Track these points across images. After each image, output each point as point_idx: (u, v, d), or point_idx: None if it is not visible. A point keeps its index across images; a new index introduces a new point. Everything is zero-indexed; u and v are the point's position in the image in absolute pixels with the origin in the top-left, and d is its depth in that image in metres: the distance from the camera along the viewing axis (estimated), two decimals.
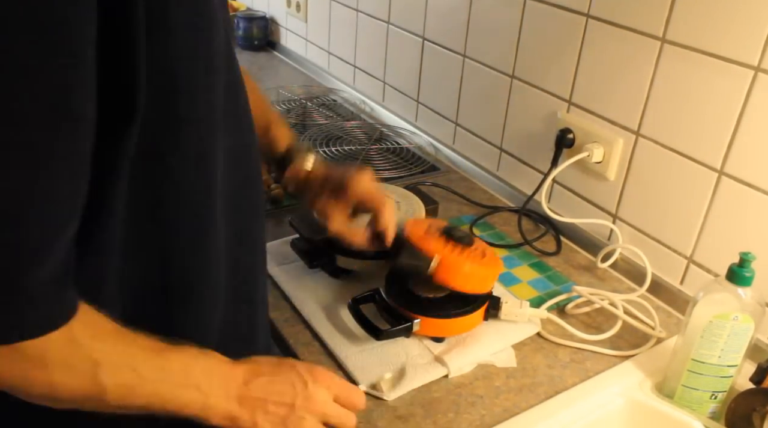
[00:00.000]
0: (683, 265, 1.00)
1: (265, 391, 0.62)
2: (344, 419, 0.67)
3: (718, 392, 0.79)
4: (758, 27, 0.83)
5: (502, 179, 1.32)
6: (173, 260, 0.59)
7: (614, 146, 1.06)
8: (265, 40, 2.16)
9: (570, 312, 0.98)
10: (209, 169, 0.58)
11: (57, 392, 0.50)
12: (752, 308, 0.74)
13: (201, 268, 0.61)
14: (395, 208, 1.01)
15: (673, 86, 0.96)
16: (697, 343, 0.77)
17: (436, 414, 0.78)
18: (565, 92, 1.14)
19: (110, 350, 0.53)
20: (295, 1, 1.96)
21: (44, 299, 0.47)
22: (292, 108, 1.69)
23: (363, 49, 1.70)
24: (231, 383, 0.60)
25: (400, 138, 1.54)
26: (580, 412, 0.81)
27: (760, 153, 0.87)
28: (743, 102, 0.87)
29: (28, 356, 0.47)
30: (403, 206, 1.02)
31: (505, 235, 1.18)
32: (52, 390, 0.50)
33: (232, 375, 0.61)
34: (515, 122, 1.27)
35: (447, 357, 0.85)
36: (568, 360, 0.89)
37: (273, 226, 1.14)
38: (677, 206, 0.99)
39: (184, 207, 0.57)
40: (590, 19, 1.06)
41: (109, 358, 0.52)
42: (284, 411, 0.62)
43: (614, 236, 1.10)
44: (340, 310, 0.92)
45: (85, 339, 0.51)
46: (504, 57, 1.25)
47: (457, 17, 1.35)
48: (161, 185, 0.55)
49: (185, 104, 0.52)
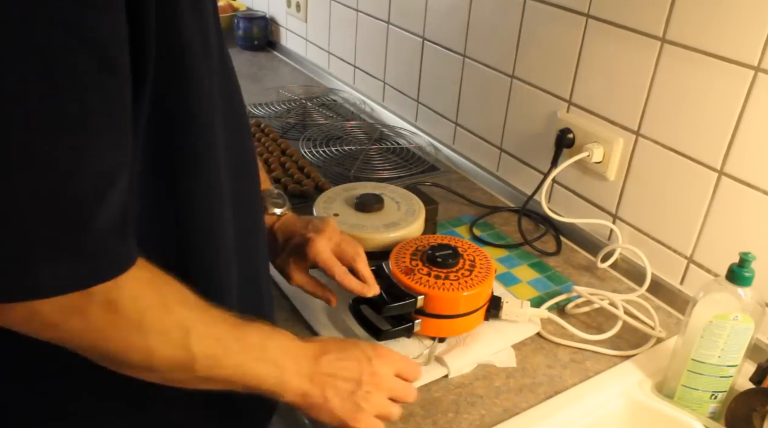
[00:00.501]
0: (683, 265, 1.00)
1: (334, 368, 0.64)
2: (406, 391, 0.70)
3: (718, 392, 0.79)
4: (758, 27, 0.83)
5: (502, 179, 1.32)
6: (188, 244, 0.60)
7: (614, 146, 1.06)
8: (265, 40, 2.16)
9: (570, 312, 0.98)
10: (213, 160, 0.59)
11: (153, 358, 0.52)
12: (752, 308, 0.74)
13: (215, 253, 0.62)
14: (394, 210, 1.01)
15: (673, 86, 0.96)
16: (697, 343, 0.77)
17: (436, 414, 0.78)
18: (565, 92, 1.14)
19: (197, 318, 0.54)
20: (295, 1, 1.96)
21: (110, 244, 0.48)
22: (292, 108, 1.69)
23: (363, 49, 1.70)
24: (302, 360, 0.62)
25: (400, 138, 1.54)
26: (580, 412, 0.81)
27: (760, 153, 0.87)
28: (743, 102, 0.87)
29: (128, 318, 0.49)
30: (403, 206, 1.02)
31: (505, 235, 1.18)
32: (149, 356, 0.51)
33: (303, 353, 0.63)
34: (515, 121, 1.27)
35: (447, 357, 0.85)
36: (568, 360, 0.89)
37: None
38: (677, 206, 0.99)
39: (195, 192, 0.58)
40: (590, 19, 1.06)
41: (197, 326, 0.54)
42: (352, 386, 0.65)
43: (614, 236, 1.10)
44: (340, 310, 0.92)
45: (176, 305, 0.52)
46: (504, 57, 1.25)
47: (457, 17, 1.35)
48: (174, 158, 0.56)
49: (193, 87, 0.54)
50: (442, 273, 0.86)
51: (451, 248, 0.89)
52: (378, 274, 0.89)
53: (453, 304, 0.85)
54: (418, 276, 0.85)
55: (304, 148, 1.45)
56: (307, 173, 1.30)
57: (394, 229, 0.97)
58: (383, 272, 0.88)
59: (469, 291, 0.84)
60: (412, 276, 0.85)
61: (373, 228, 0.96)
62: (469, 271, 0.87)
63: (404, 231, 0.97)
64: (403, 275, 0.85)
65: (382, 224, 0.98)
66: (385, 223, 0.98)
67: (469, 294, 0.84)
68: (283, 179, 1.27)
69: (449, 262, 0.87)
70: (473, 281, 0.86)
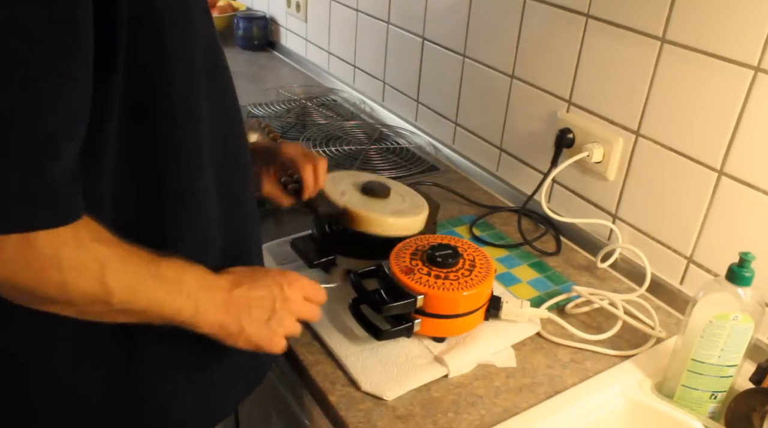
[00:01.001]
0: (683, 265, 1.00)
1: (247, 297, 0.67)
2: (314, 314, 0.76)
3: (718, 392, 0.79)
4: (758, 27, 0.83)
5: (502, 179, 1.32)
6: (164, 209, 0.63)
7: (614, 145, 1.06)
8: (265, 40, 2.16)
9: (570, 312, 0.98)
10: (194, 128, 0.62)
11: (69, 293, 0.53)
12: (752, 308, 0.74)
13: (192, 217, 0.65)
14: (400, 201, 1.00)
15: (673, 86, 0.96)
16: (697, 343, 0.77)
17: (436, 414, 0.78)
18: (565, 92, 1.14)
19: (113, 254, 0.56)
20: (295, 1, 1.96)
21: (60, 192, 0.51)
22: (292, 108, 1.69)
23: (363, 49, 1.70)
24: (217, 292, 0.65)
25: (400, 138, 1.54)
26: (580, 412, 0.81)
27: (760, 153, 0.87)
28: (743, 102, 0.87)
29: (43, 254, 0.51)
30: (407, 200, 1.02)
31: (505, 235, 1.18)
32: (64, 291, 0.53)
33: (217, 285, 0.65)
34: (515, 121, 1.27)
35: (447, 357, 0.85)
36: (568, 359, 0.89)
37: (273, 226, 1.14)
38: (677, 206, 0.99)
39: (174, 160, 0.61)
40: (590, 19, 1.06)
41: (112, 261, 0.55)
42: (266, 314, 0.69)
43: (614, 236, 1.10)
44: (340, 310, 0.92)
45: (91, 242, 0.54)
46: (504, 57, 1.25)
47: (457, 17, 1.35)
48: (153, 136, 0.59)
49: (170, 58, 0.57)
50: (442, 273, 0.86)
51: (451, 248, 0.89)
52: (378, 274, 0.89)
53: (453, 304, 0.85)
54: (418, 276, 0.85)
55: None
56: None
57: (401, 216, 0.96)
58: (383, 272, 0.88)
59: (469, 291, 0.84)
60: (412, 276, 0.85)
61: (380, 211, 0.95)
62: (469, 271, 0.87)
63: (410, 220, 0.96)
64: (403, 274, 0.85)
65: (389, 210, 0.97)
66: (392, 210, 0.97)
67: (469, 294, 0.84)
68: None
69: (449, 262, 0.87)
70: (473, 281, 0.86)
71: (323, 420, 0.84)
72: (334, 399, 0.79)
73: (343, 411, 0.78)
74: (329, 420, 0.81)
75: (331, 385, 0.81)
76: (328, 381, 0.82)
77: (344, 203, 0.95)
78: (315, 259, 0.98)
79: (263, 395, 0.99)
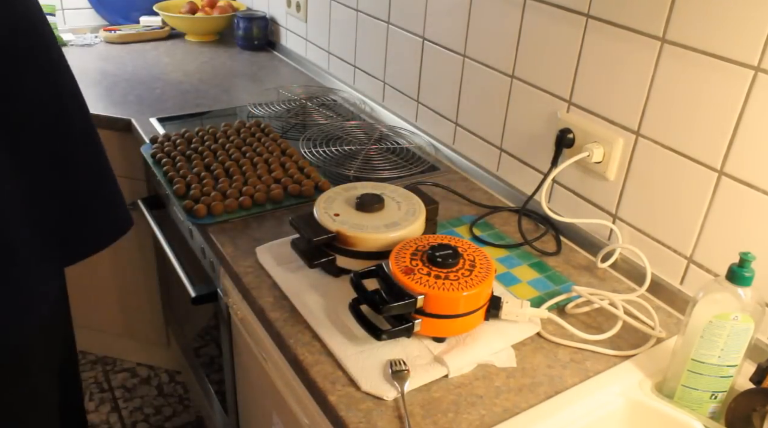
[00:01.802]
0: (683, 265, 1.00)
1: None
2: None
3: (718, 392, 0.79)
4: (758, 27, 0.83)
5: (502, 179, 1.32)
6: None
7: (614, 146, 1.06)
8: (265, 40, 2.16)
9: (570, 312, 0.98)
10: None
11: None
12: (752, 308, 0.74)
13: None
14: (395, 210, 1.01)
15: (673, 86, 0.96)
16: (697, 343, 0.77)
17: (436, 414, 0.78)
18: (565, 92, 1.14)
19: None
20: (295, 1, 1.96)
21: None
22: (292, 108, 1.69)
23: (363, 49, 1.70)
24: None
25: (400, 138, 1.54)
26: (580, 412, 0.81)
27: (760, 153, 0.87)
28: (743, 102, 0.87)
29: None
30: (403, 206, 1.03)
31: (505, 235, 1.18)
32: None
33: None
34: (515, 121, 1.27)
35: (447, 357, 0.85)
36: (568, 359, 0.89)
37: (273, 226, 1.14)
38: (677, 206, 0.99)
39: None
40: (590, 19, 1.06)
41: None
42: None
43: (614, 236, 1.10)
44: (340, 310, 0.92)
45: None
46: (504, 57, 1.25)
47: (457, 17, 1.35)
48: None
49: None
50: (442, 273, 0.86)
51: (451, 248, 0.89)
52: (378, 274, 0.89)
53: (453, 304, 0.85)
54: (418, 276, 0.85)
55: (304, 148, 1.45)
56: (307, 174, 1.30)
57: (394, 229, 0.97)
58: (383, 272, 0.88)
59: (469, 291, 0.84)
60: (412, 276, 0.85)
61: (373, 228, 0.97)
62: (469, 271, 0.87)
63: (405, 231, 0.97)
64: (403, 275, 0.85)
65: (382, 224, 0.98)
66: (385, 223, 0.98)
67: (469, 294, 0.84)
68: (283, 179, 1.27)
69: (449, 262, 0.87)
70: (473, 281, 0.86)
71: (323, 420, 0.84)
72: (334, 399, 0.79)
73: (343, 411, 0.78)
74: (329, 420, 0.81)
75: (331, 385, 0.81)
76: (328, 381, 0.82)
77: (336, 228, 0.96)
78: (315, 259, 0.98)
79: (263, 395, 0.99)
